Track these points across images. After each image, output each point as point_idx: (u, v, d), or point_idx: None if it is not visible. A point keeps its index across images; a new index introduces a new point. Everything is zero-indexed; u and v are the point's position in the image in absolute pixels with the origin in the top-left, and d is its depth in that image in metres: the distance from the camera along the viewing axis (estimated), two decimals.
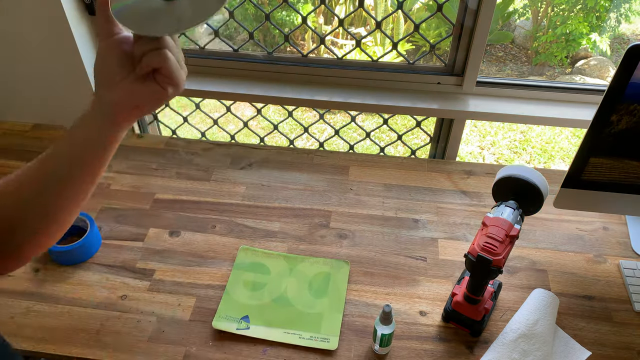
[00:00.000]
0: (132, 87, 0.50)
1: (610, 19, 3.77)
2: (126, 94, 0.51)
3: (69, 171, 0.52)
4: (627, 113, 0.82)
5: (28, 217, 0.53)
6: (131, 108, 0.52)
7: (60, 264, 0.96)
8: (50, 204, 0.53)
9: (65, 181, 0.52)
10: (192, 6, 0.50)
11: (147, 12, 0.50)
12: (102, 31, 0.50)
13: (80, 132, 0.52)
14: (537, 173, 0.81)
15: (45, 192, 0.52)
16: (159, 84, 0.51)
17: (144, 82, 0.50)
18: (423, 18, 1.22)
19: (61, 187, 0.53)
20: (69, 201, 0.54)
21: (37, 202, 0.52)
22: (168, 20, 0.50)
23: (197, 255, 0.98)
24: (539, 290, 0.89)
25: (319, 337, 0.85)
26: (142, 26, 0.49)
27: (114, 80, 0.50)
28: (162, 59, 0.49)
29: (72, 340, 0.84)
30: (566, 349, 0.84)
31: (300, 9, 3.75)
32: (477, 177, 1.17)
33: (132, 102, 0.51)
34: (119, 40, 0.50)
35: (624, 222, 1.06)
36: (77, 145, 0.52)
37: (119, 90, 0.50)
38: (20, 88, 1.24)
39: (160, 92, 0.51)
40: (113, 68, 0.50)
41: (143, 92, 0.51)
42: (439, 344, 0.85)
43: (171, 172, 1.17)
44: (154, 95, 0.51)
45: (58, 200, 0.53)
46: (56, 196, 0.53)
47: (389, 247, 1.00)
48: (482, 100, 1.18)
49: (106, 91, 0.51)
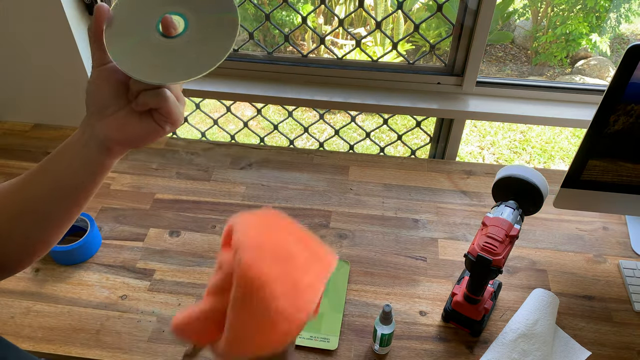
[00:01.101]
0: (126, 121, 0.46)
1: (610, 19, 3.77)
2: (119, 128, 0.47)
3: (51, 199, 0.49)
4: (625, 113, 0.82)
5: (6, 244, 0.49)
6: (124, 142, 0.48)
7: (60, 264, 0.96)
8: (30, 232, 0.49)
9: (47, 210, 0.49)
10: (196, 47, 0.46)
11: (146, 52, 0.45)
12: (95, 57, 0.46)
13: (67, 159, 0.48)
14: (537, 173, 0.81)
15: (24, 220, 0.49)
16: (156, 122, 0.47)
17: (139, 118, 0.47)
18: (423, 18, 1.22)
19: (42, 216, 0.49)
20: (50, 230, 0.50)
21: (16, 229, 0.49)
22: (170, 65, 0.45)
23: (197, 255, 0.98)
24: (539, 290, 0.89)
25: (319, 337, 0.85)
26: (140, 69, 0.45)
27: (106, 112, 0.46)
28: (161, 99, 0.45)
29: (72, 340, 0.84)
30: (566, 349, 0.84)
31: (300, 9, 3.75)
32: (477, 177, 1.17)
33: (126, 137, 0.47)
34: (113, 69, 0.46)
35: (623, 222, 1.06)
36: (62, 172, 0.48)
37: (111, 122, 0.46)
38: (20, 88, 1.24)
39: (156, 129, 0.47)
40: (106, 99, 0.46)
41: (138, 129, 0.47)
42: (439, 343, 0.85)
43: (171, 172, 1.17)
44: (150, 133, 0.47)
45: (37, 230, 0.50)
46: (35, 224, 0.49)
47: (389, 247, 1.00)
48: (482, 100, 1.18)
49: (98, 121, 0.47)
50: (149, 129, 0.47)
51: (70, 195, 0.49)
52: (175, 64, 0.45)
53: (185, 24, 0.46)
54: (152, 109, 0.46)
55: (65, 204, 0.49)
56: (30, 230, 0.49)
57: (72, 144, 0.48)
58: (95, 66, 0.46)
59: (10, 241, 0.49)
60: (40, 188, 0.48)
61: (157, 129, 0.47)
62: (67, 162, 0.48)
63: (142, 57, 0.45)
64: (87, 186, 0.50)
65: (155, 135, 0.48)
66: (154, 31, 0.46)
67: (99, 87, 0.46)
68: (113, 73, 0.46)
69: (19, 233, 0.49)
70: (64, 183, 0.48)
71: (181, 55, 0.45)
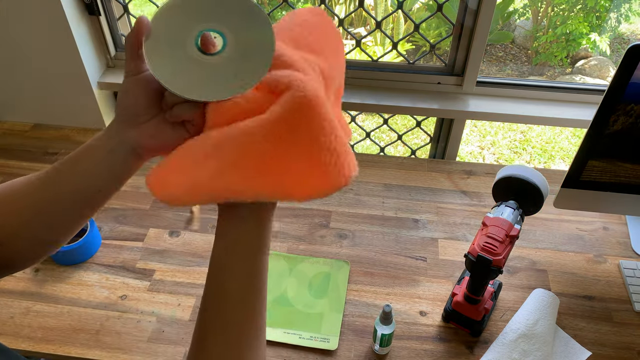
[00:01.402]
0: (158, 129, 0.47)
1: (611, 19, 3.77)
2: (152, 136, 0.47)
3: (69, 202, 0.48)
4: (624, 113, 0.82)
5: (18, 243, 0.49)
6: (155, 150, 0.48)
7: (60, 264, 0.96)
8: (44, 232, 0.49)
9: (64, 213, 0.48)
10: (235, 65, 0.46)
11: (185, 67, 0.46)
12: (129, 67, 0.46)
13: (91, 164, 0.48)
14: (537, 173, 0.81)
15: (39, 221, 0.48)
16: (189, 132, 0.47)
17: (172, 127, 0.47)
18: (423, 18, 1.22)
19: (58, 218, 0.49)
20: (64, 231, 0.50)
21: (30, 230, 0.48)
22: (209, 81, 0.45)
23: (197, 255, 0.98)
24: (539, 290, 0.89)
25: (319, 337, 0.85)
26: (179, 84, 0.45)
27: (138, 119, 0.47)
28: (196, 112, 0.46)
29: (72, 340, 0.84)
30: (566, 349, 0.84)
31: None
32: (477, 177, 1.17)
33: (157, 145, 0.47)
34: (149, 79, 0.46)
35: (624, 222, 1.06)
36: (84, 177, 0.48)
37: (143, 130, 0.47)
38: (20, 88, 1.24)
39: (188, 139, 0.47)
40: (140, 108, 0.46)
41: (170, 137, 0.47)
42: (439, 344, 0.85)
43: None
44: (181, 142, 0.47)
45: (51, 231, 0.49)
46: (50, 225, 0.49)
47: (389, 247, 1.00)
48: (482, 100, 1.18)
49: (129, 129, 0.47)
50: (180, 138, 0.47)
51: (89, 199, 0.49)
52: (215, 81, 0.46)
53: (223, 42, 0.47)
54: (186, 121, 0.47)
55: (83, 207, 0.49)
56: (44, 231, 0.49)
57: (96, 149, 0.48)
58: (130, 74, 0.46)
59: (23, 240, 0.48)
60: (59, 191, 0.48)
61: (188, 138, 0.48)
62: (91, 167, 0.47)
63: (180, 71, 0.46)
64: (109, 190, 0.50)
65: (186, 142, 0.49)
66: (193, 46, 0.46)
67: (134, 96, 0.46)
68: (149, 82, 0.46)
69: (33, 233, 0.48)
70: (85, 187, 0.48)
71: (220, 72, 0.46)
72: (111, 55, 1.24)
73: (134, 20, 1.26)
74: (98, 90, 1.24)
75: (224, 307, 0.46)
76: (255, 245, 0.47)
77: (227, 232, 0.47)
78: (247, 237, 0.47)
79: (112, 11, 1.19)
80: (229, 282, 0.46)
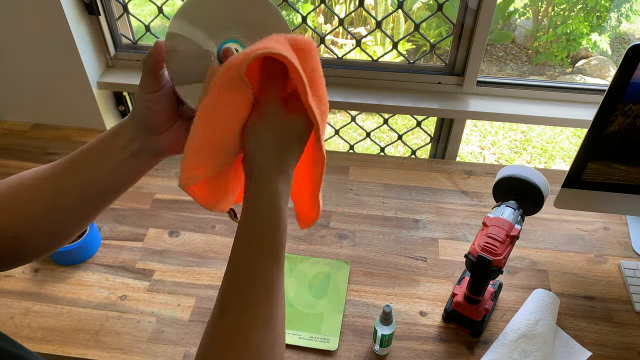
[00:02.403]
0: (180, 135, 0.50)
1: (611, 19, 3.77)
2: (174, 142, 0.51)
3: (86, 197, 0.50)
4: (622, 114, 0.81)
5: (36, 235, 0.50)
6: (176, 152, 0.52)
7: (60, 264, 0.96)
8: (60, 224, 0.50)
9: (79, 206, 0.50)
10: None
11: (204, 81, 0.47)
12: (149, 88, 0.48)
13: (112, 164, 0.50)
14: (538, 173, 0.81)
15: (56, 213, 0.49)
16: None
17: (187, 130, 0.49)
18: (423, 17, 1.22)
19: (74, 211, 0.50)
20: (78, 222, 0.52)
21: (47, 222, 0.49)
22: None
23: (196, 256, 0.98)
24: (540, 290, 0.89)
25: (319, 338, 0.85)
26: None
27: (162, 128, 0.50)
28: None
29: (72, 340, 0.84)
30: (567, 350, 0.84)
31: (300, 8, 3.75)
32: (477, 177, 1.17)
33: (178, 148, 0.51)
34: (168, 94, 0.49)
35: (624, 222, 1.06)
36: (103, 175, 0.50)
37: (166, 138, 0.51)
38: (20, 88, 1.24)
39: None
40: (161, 120, 0.50)
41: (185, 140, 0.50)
42: (439, 344, 0.85)
43: (171, 172, 1.16)
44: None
45: (67, 222, 0.51)
46: (66, 217, 0.50)
47: (389, 248, 1.00)
48: (482, 100, 1.18)
49: (151, 136, 0.50)
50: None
51: (106, 195, 0.51)
52: None
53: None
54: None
55: (99, 201, 0.52)
56: (60, 223, 0.50)
57: (118, 149, 0.50)
58: (148, 92, 0.48)
59: (41, 232, 0.50)
60: (76, 186, 0.49)
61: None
62: (112, 167, 0.50)
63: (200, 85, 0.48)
64: (126, 187, 0.52)
65: None
66: (215, 61, 0.48)
67: (156, 112, 0.49)
68: (169, 98, 0.49)
69: (49, 225, 0.50)
70: (102, 184, 0.50)
71: None
72: (111, 55, 1.24)
73: (133, 20, 1.26)
74: (98, 90, 1.24)
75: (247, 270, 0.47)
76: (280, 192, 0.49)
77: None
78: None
79: (112, 11, 1.19)
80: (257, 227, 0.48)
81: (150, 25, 1.22)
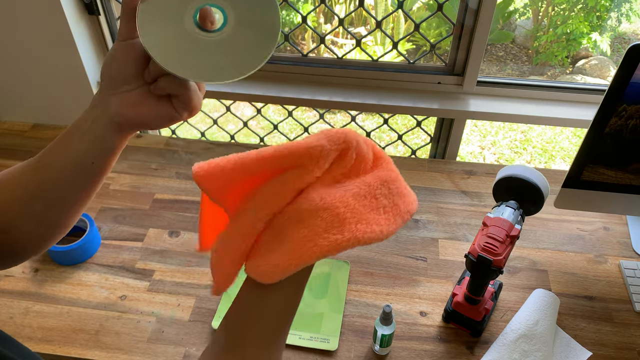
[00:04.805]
0: (142, 100, 0.45)
1: (611, 19, 3.77)
2: (133, 106, 0.45)
3: (61, 181, 0.47)
4: (616, 114, 0.81)
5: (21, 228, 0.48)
6: (136, 122, 0.46)
7: (60, 264, 0.96)
8: (43, 217, 0.48)
9: (58, 193, 0.47)
10: (232, 48, 0.43)
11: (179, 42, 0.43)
12: (121, 31, 0.43)
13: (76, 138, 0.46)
14: (538, 173, 0.81)
15: (36, 205, 0.47)
16: (174, 108, 0.46)
17: (156, 101, 0.45)
18: (423, 17, 1.22)
19: (54, 199, 0.48)
20: (62, 214, 0.49)
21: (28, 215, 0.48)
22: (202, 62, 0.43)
23: (196, 256, 0.98)
24: (540, 290, 0.89)
25: (319, 338, 0.85)
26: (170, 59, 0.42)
27: (122, 87, 0.45)
28: (183, 88, 0.44)
29: (72, 340, 0.84)
30: (567, 350, 0.84)
31: (300, 8, 3.75)
32: (477, 177, 1.17)
33: (138, 117, 0.46)
34: (138, 46, 0.44)
35: (624, 222, 1.06)
36: (71, 152, 0.47)
37: (126, 99, 0.45)
38: (19, 88, 1.24)
39: (173, 115, 0.46)
40: (125, 75, 0.44)
41: (153, 111, 0.46)
42: (440, 344, 0.85)
43: (171, 172, 1.16)
44: (166, 117, 0.46)
45: (50, 214, 0.49)
46: (47, 208, 0.48)
47: (389, 248, 1.00)
48: (482, 100, 1.18)
49: (112, 96, 0.45)
50: (164, 113, 0.46)
51: (79, 176, 0.48)
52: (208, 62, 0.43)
53: (224, 19, 0.43)
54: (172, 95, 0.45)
55: (75, 185, 0.48)
56: (43, 216, 0.48)
57: (82, 121, 0.46)
58: (120, 39, 0.44)
59: (24, 227, 0.48)
60: (50, 171, 0.47)
61: (173, 115, 0.46)
62: (77, 141, 0.46)
63: (173, 46, 0.43)
64: (98, 166, 0.48)
65: (170, 121, 0.47)
66: (190, 20, 0.43)
67: (120, 61, 0.44)
68: (138, 50, 0.44)
69: (31, 219, 0.48)
70: (73, 163, 0.47)
71: (215, 54, 0.43)
72: None
73: None
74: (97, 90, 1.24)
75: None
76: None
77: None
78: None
79: (112, 11, 1.19)
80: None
81: None
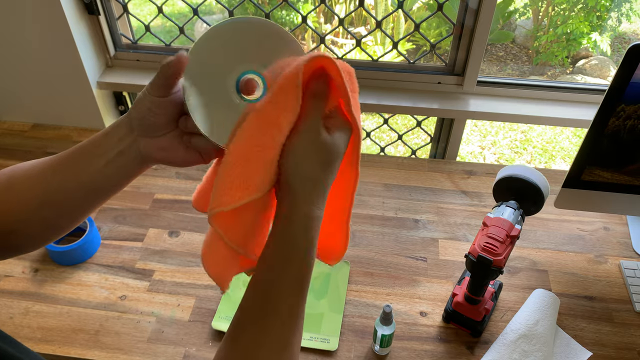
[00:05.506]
0: (172, 146, 0.49)
1: (611, 19, 3.76)
2: (164, 150, 0.49)
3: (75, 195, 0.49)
4: (614, 115, 0.81)
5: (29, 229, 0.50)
6: (164, 161, 0.50)
7: (60, 264, 0.96)
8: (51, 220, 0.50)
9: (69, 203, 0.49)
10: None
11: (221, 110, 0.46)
12: (156, 91, 0.46)
13: (100, 163, 0.48)
14: (538, 173, 0.81)
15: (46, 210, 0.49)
16: (202, 157, 0.50)
17: (185, 149, 0.49)
18: (423, 17, 1.22)
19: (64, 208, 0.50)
20: (68, 220, 0.51)
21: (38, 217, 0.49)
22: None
23: (196, 256, 0.98)
24: (540, 290, 0.89)
25: (319, 338, 0.85)
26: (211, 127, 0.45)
27: (156, 133, 0.48)
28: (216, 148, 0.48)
29: (71, 340, 0.84)
30: (567, 350, 0.84)
31: (300, 8, 3.74)
32: (477, 177, 1.17)
33: (167, 159, 0.49)
34: (173, 102, 0.47)
35: (624, 222, 1.06)
36: (92, 174, 0.49)
37: (157, 143, 0.48)
38: (19, 88, 1.24)
39: (199, 161, 0.50)
40: (159, 125, 0.48)
41: (181, 155, 0.49)
42: (440, 344, 0.85)
43: (171, 172, 1.16)
44: (192, 162, 0.50)
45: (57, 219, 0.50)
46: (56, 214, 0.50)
47: (389, 248, 1.00)
48: (482, 100, 1.18)
49: (143, 138, 0.48)
50: (192, 159, 0.50)
51: (95, 195, 0.50)
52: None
53: (264, 87, 0.46)
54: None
55: (88, 201, 0.51)
56: (51, 221, 0.50)
57: (107, 149, 0.48)
58: (154, 95, 0.46)
59: (32, 226, 0.50)
60: (66, 183, 0.49)
61: (199, 161, 0.51)
62: (100, 166, 0.48)
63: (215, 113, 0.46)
64: (114, 189, 0.51)
65: (195, 163, 0.51)
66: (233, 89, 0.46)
67: (157, 115, 0.47)
68: (173, 106, 0.47)
69: (39, 222, 0.50)
70: (92, 184, 0.49)
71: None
72: (110, 55, 1.24)
73: (133, 20, 1.26)
74: (97, 90, 1.24)
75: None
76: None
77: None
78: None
79: (112, 11, 1.19)
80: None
81: (150, 25, 1.22)
